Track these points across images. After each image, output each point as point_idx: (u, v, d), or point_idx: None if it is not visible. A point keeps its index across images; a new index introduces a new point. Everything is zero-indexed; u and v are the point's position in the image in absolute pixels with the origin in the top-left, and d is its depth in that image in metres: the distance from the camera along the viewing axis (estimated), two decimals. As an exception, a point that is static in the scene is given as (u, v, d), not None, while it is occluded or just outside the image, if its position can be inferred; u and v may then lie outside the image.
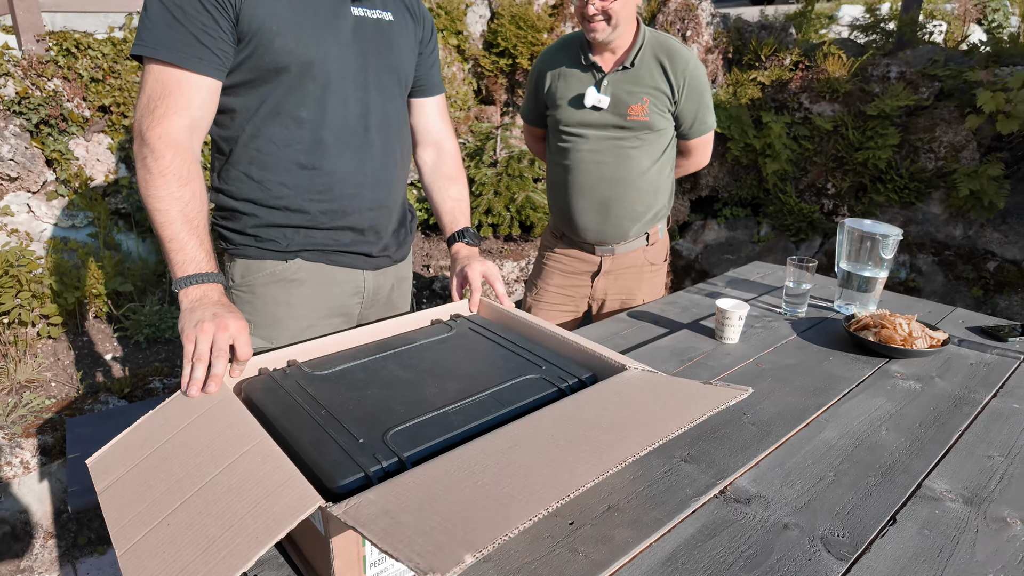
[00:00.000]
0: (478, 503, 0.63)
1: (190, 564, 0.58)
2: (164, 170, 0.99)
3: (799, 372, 1.33)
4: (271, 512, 0.62)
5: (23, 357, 2.02)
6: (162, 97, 1.01)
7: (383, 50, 1.20)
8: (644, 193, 1.74)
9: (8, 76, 2.37)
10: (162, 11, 1.00)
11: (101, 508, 0.70)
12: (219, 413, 0.83)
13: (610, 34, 1.60)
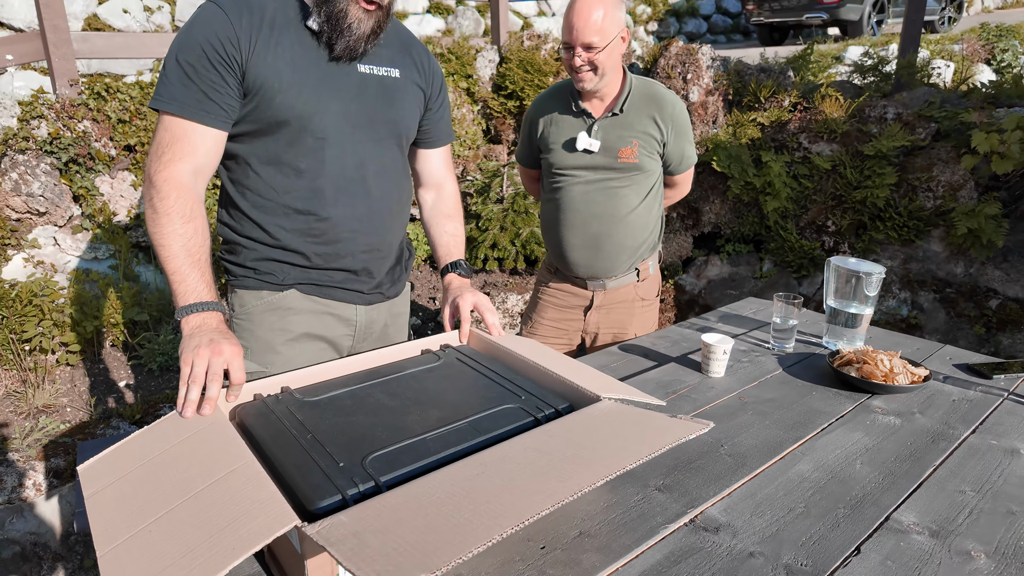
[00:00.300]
0: (439, 527, 0.68)
1: (168, 568, 0.63)
2: (168, 209, 1.08)
3: (780, 406, 1.36)
4: (249, 528, 0.68)
5: (42, 383, 2.11)
6: (170, 144, 1.11)
7: (386, 106, 1.27)
8: (633, 229, 1.81)
9: (42, 118, 2.52)
10: (177, 69, 1.10)
11: (86, 511, 0.76)
12: (210, 435, 0.89)
13: (597, 83, 1.69)
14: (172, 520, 0.71)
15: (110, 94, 2.76)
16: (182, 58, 1.10)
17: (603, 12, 1.61)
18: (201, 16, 1.13)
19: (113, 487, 0.80)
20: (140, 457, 0.86)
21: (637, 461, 0.82)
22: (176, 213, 1.09)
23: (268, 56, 1.13)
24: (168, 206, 1.09)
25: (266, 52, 1.13)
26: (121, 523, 0.72)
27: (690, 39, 10.76)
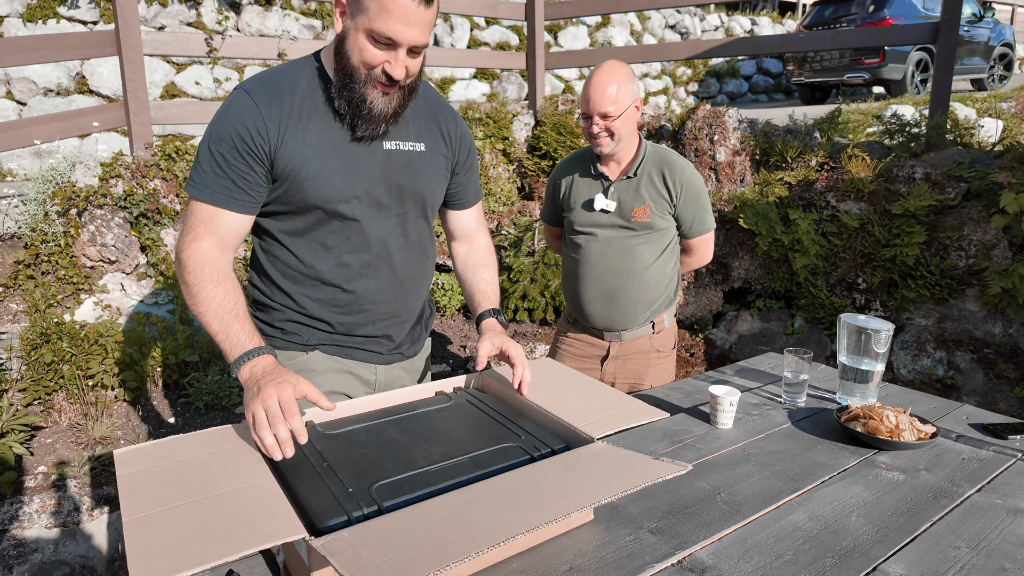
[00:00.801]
0: (424, 544, 0.76)
1: (183, 542, 0.74)
2: (197, 279, 1.13)
3: (783, 458, 1.38)
4: (263, 529, 0.78)
5: (101, 416, 2.30)
6: (194, 226, 1.18)
7: (411, 180, 1.30)
8: (648, 285, 1.89)
9: (119, 178, 2.82)
10: (209, 158, 1.17)
11: (117, 486, 0.87)
12: (238, 452, 1.01)
13: (614, 147, 1.82)
14: (194, 508, 0.82)
15: (179, 155, 3.07)
16: (214, 148, 1.16)
17: (617, 86, 1.76)
18: (232, 106, 1.18)
19: (145, 472, 0.92)
20: (173, 455, 0.98)
21: (612, 496, 0.88)
22: (205, 280, 1.13)
23: (297, 144, 1.18)
24: (196, 277, 1.14)
25: (295, 140, 1.18)
26: (148, 501, 0.83)
27: (731, 99, 10.94)
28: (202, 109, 3.40)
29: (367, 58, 1.13)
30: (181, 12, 6.91)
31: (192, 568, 0.71)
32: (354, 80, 1.15)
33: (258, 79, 1.22)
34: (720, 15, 11.58)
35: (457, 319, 3.65)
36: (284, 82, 1.21)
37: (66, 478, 1.98)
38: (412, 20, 1.09)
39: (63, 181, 2.77)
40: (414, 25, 1.10)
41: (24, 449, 2.04)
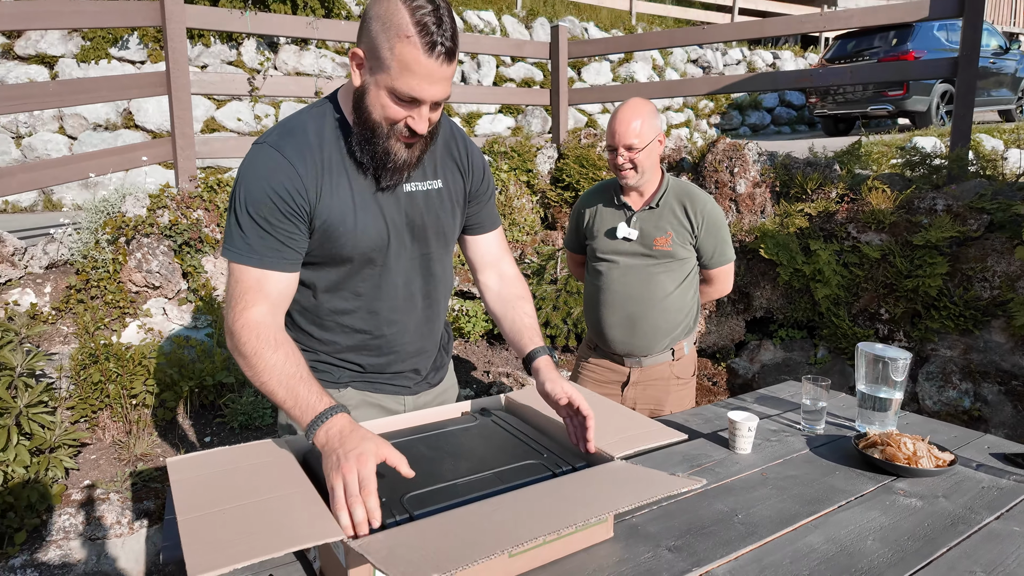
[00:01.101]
0: (453, 544, 0.83)
1: (233, 539, 0.81)
2: (255, 350, 1.10)
3: (801, 483, 1.41)
4: (305, 530, 0.85)
5: (141, 434, 2.41)
6: (243, 294, 1.14)
7: (433, 220, 1.32)
8: (668, 312, 1.95)
9: (165, 208, 2.99)
10: (251, 224, 1.13)
11: (171, 491, 0.95)
12: (280, 464, 1.09)
13: (638, 179, 1.90)
14: (242, 509, 0.90)
15: (220, 187, 3.24)
16: (253, 211, 1.13)
17: (641, 120, 1.85)
18: (265, 165, 1.14)
19: (195, 479, 1.00)
20: (220, 464, 1.07)
21: (630, 505, 0.94)
22: (263, 348, 1.10)
23: (332, 200, 1.19)
24: (253, 346, 1.10)
25: (330, 197, 1.18)
26: (199, 503, 0.91)
27: (753, 131, 11.01)
28: (243, 144, 3.59)
29: (389, 114, 1.11)
30: (223, 52, 7.28)
31: (243, 561, 0.78)
32: (376, 135, 1.14)
33: (282, 133, 1.19)
34: (742, 49, 11.74)
35: (480, 345, 3.72)
36: (310, 136, 1.19)
37: (109, 492, 2.07)
38: (435, 78, 1.07)
39: (114, 211, 2.95)
40: (437, 82, 1.08)
41: (73, 463, 2.15)
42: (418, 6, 1.04)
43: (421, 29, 1.03)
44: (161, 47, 7.03)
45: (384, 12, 1.05)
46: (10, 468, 1.88)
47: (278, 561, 1.06)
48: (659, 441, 1.27)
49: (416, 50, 1.04)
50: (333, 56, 7.71)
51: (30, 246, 2.91)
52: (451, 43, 1.07)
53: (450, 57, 1.08)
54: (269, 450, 1.16)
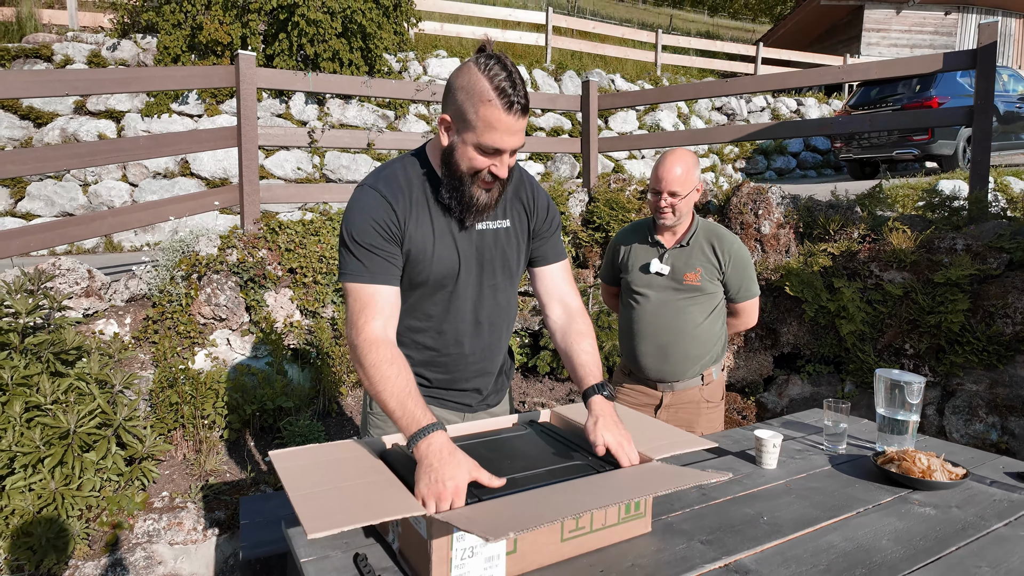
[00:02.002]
0: (520, 512, 1.01)
1: (340, 508, 1.01)
2: (374, 363, 1.28)
3: (822, 492, 1.54)
4: (394, 505, 1.05)
5: (210, 452, 2.64)
6: (360, 311, 1.33)
7: (498, 254, 1.50)
8: (698, 341, 2.12)
9: (234, 248, 3.29)
10: (360, 250, 1.35)
11: (279, 475, 1.15)
12: (364, 457, 1.29)
13: (675, 221, 2.11)
14: (342, 489, 1.10)
15: (281, 229, 3.54)
16: (360, 238, 1.34)
17: (685, 170, 2.05)
18: (369, 203, 1.37)
19: (297, 467, 1.20)
20: (316, 457, 1.27)
21: (659, 492, 1.11)
22: (382, 362, 1.27)
23: (417, 231, 1.40)
24: (372, 360, 1.28)
25: (415, 228, 1.40)
26: (304, 483, 1.11)
27: (779, 175, 11.18)
28: (301, 190, 3.92)
29: (476, 165, 1.32)
30: (272, 105, 7.83)
31: (349, 525, 0.98)
32: (463, 183, 1.35)
33: (379, 178, 1.42)
34: (766, 96, 12.04)
35: (516, 378, 3.90)
36: (400, 181, 1.42)
37: (186, 503, 2.28)
38: (513, 131, 1.28)
39: (188, 250, 3.26)
40: (515, 134, 1.28)
41: (157, 473, 2.37)
42: (495, 74, 1.25)
43: (500, 93, 1.24)
44: (218, 102, 7.60)
45: (467, 83, 1.27)
46: (106, 475, 2.11)
47: (362, 543, 1.25)
48: (692, 447, 1.43)
49: (497, 111, 1.25)
50: (375, 108, 8.21)
51: (113, 281, 3.22)
52: (524, 100, 1.28)
53: (524, 112, 1.28)
54: (352, 448, 1.35)
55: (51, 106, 7.08)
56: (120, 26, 7.75)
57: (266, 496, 2.34)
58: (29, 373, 2.11)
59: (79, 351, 2.34)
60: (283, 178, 7.55)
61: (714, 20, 26.50)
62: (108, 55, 7.58)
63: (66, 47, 7.42)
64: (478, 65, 1.27)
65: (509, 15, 11.49)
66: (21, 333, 2.18)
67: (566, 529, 1.18)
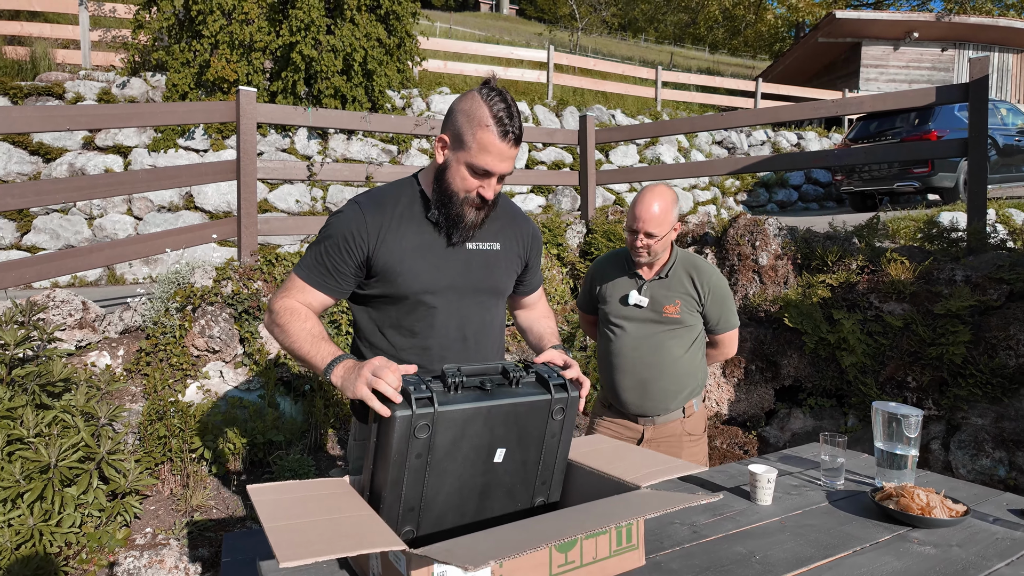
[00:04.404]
0: (504, 541, 0.98)
1: (313, 541, 0.97)
2: (288, 319, 1.39)
3: (818, 530, 1.49)
4: (373, 539, 1.01)
5: (197, 487, 2.58)
6: (290, 289, 1.46)
7: (487, 275, 1.54)
8: (678, 375, 2.08)
9: (229, 279, 3.29)
10: (316, 250, 1.47)
11: (255, 509, 1.11)
12: (345, 494, 1.25)
13: (650, 260, 2.08)
14: (318, 523, 1.06)
15: (277, 261, 3.55)
16: (322, 242, 1.45)
17: (662, 211, 2.00)
18: (344, 213, 1.47)
19: (275, 501, 1.17)
20: (294, 492, 1.23)
21: (658, 512, 1.08)
22: (294, 319, 1.39)
23: (394, 245, 1.45)
24: (287, 318, 1.39)
25: (393, 242, 1.44)
26: (281, 515, 1.08)
27: (781, 207, 11.23)
28: (300, 223, 3.95)
29: (467, 185, 1.41)
30: (277, 140, 7.96)
31: (324, 555, 0.94)
32: (453, 201, 1.44)
33: (368, 195, 1.51)
34: (766, 130, 12.18)
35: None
36: (387, 198, 1.50)
37: (169, 539, 2.22)
38: (504, 156, 1.38)
39: (184, 282, 3.26)
40: (506, 160, 1.39)
41: (140, 509, 2.32)
42: (495, 103, 1.37)
43: (497, 121, 1.36)
44: (224, 137, 7.75)
45: (468, 107, 1.39)
46: (87, 511, 2.06)
47: None
48: (683, 472, 1.39)
49: (492, 136, 1.36)
50: (376, 143, 8.34)
51: (108, 313, 3.22)
52: (518, 131, 1.40)
53: (517, 142, 1.40)
54: (335, 484, 1.32)
55: (60, 142, 7.22)
56: (131, 65, 7.96)
57: (251, 533, 2.28)
58: (13, 405, 2.09)
59: (66, 383, 2.32)
60: (286, 211, 7.63)
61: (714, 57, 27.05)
62: (118, 92, 7.77)
63: (77, 85, 7.61)
64: (481, 94, 1.38)
65: (511, 53, 11.75)
66: (8, 364, 2.17)
67: (555, 564, 1.13)
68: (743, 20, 28.34)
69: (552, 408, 1.32)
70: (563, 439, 1.37)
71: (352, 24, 7.51)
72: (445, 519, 1.26)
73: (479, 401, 1.22)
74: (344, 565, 1.24)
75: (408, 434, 1.15)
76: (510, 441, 1.29)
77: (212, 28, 7.15)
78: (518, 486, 1.35)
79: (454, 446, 1.22)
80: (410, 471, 1.18)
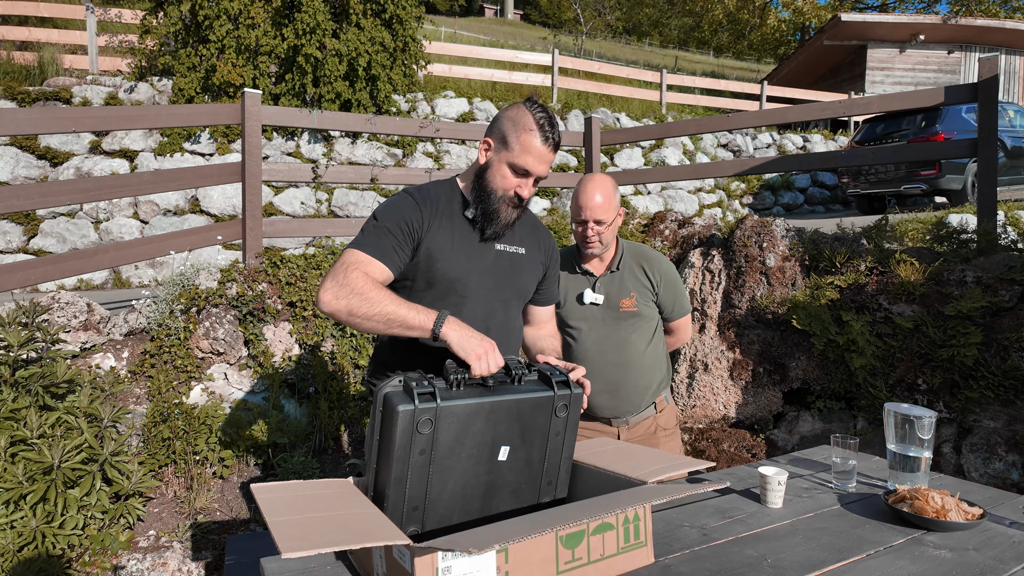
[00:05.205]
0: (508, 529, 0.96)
1: (315, 535, 0.96)
2: (367, 287, 1.38)
3: (830, 533, 1.46)
4: (376, 534, 0.99)
5: (201, 489, 2.57)
6: (358, 264, 1.44)
7: (513, 276, 1.65)
8: (645, 371, 2.07)
9: (234, 281, 3.28)
10: (377, 228, 1.51)
11: (259, 505, 1.09)
12: (348, 494, 1.23)
13: (603, 249, 2.06)
14: (322, 519, 1.04)
15: (283, 263, 3.54)
16: (382, 222, 1.51)
17: (605, 195, 2.00)
18: (401, 201, 1.56)
19: (279, 499, 1.15)
20: (298, 491, 1.22)
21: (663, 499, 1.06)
22: (374, 285, 1.39)
23: (438, 235, 1.55)
24: (366, 286, 1.38)
25: (437, 232, 1.55)
26: (284, 511, 1.06)
27: (787, 210, 11.18)
28: (305, 225, 3.94)
29: (506, 183, 1.56)
30: (282, 144, 7.98)
31: (326, 547, 0.92)
32: (492, 198, 1.56)
33: (417, 188, 1.63)
34: (772, 133, 12.14)
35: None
36: (433, 193, 1.62)
37: (172, 542, 2.21)
38: (544, 159, 1.54)
39: (188, 284, 3.26)
40: (544, 162, 1.55)
41: (144, 511, 2.31)
42: (538, 113, 1.54)
43: (540, 127, 1.53)
44: (229, 141, 7.77)
45: (514, 115, 1.56)
46: (90, 513, 2.05)
47: None
48: (687, 468, 1.36)
49: (535, 139, 1.52)
50: (381, 145, 8.35)
51: (113, 315, 3.22)
52: (557, 139, 1.56)
53: (555, 148, 1.56)
54: (339, 484, 1.30)
55: (67, 146, 7.26)
56: (138, 70, 8.00)
57: (254, 535, 2.26)
58: (17, 407, 2.08)
59: (70, 384, 2.32)
60: (291, 214, 7.64)
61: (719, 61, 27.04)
62: (125, 97, 7.81)
63: (85, 90, 7.66)
64: (526, 105, 1.57)
65: (516, 57, 11.76)
66: (12, 366, 2.16)
67: (562, 560, 1.11)
68: (747, 24, 28.33)
69: (555, 405, 1.31)
70: (567, 437, 1.36)
71: (357, 28, 7.53)
72: (450, 520, 1.24)
73: (482, 397, 1.21)
74: (347, 567, 1.22)
75: (411, 429, 1.14)
76: (514, 438, 1.27)
77: (218, 32, 7.19)
78: (523, 486, 1.33)
79: (457, 443, 1.20)
80: (413, 468, 1.16)
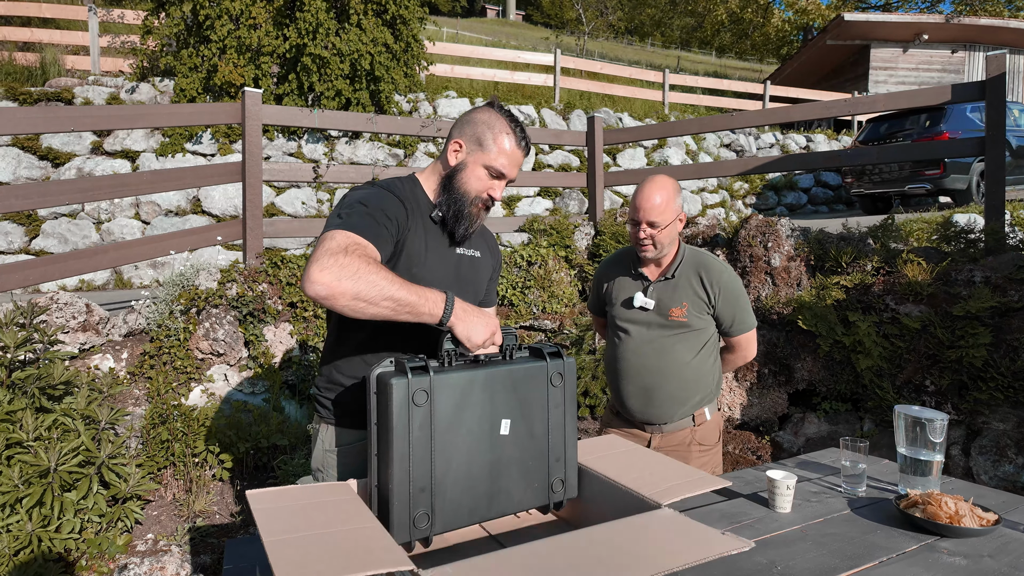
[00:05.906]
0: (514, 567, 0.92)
1: (313, 559, 0.91)
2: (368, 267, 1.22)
3: (841, 539, 1.42)
4: (379, 557, 0.95)
5: (200, 492, 2.54)
6: (356, 245, 1.27)
7: (471, 276, 1.66)
8: (685, 383, 1.99)
9: (234, 282, 3.26)
10: (363, 209, 1.38)
11: (253, 517, 1.06)
12: (349, 502, 1.20)
13: (657, 254, 1.99)
14: (322, 536, 1.00)
15: (283, 264, 3.51)
16: (370, 205, 1.39)
17: (664, 198, 1.92)
18: (384, 194, 1.45)
19: (275, 509, 1.11)
20: (297, 499, 1.18)
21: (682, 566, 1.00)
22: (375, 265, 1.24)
23: (414, 237, 1.51)
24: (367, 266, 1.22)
25: (414, 233, 1.51)
26: (281, 528, 1.02)
27: (791, 210, 11.13)
28: (306, 225, 3.91)
29: (481, 186, 1.53)
30: (283, 144, 7.96)
31: None
32: (464, 200, 1.53)
33: (389, 184, 1.54)
34: (775, 133, 12.09)
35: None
36: (407, 191, 1.56)
37: (171, 545, 2.18)
38: (517, 162, 1.54)
39: (188, 285, 3.23)
40: (517, 165, 1.55)
41: (142, 515, 2.28)
42: (509, 117, 1.55)
43: (514, 131, 1.54)
44: (231, 142, 7.75)
45: (487, 118, 1.54)
46: (87, 516, 2.02)
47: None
48: (702, 489, 1.33)
49: (512, 141, 1.53)
50: (383, 145, 8.32)
51: (112, 316, 3.19)
52: (528, 143, 1.58)
53: (527, 152, 1.57)
54: (339, 490, 1.26)
55: (69, 147, 7.25)
56: (139, 70, 7.98)
57: (254, 539, 2.23)
58: (13, 408, 2.06)
59: (67, 386, 2.29)
60: (293, 215, 7.62)
61: (722, 61, 26.97)
62: (126, 97, 7.79)
63: (86, 90, 7.64)
64: (495, 108, 1.56)
65: (518, 57, 11.74)
66: (8, 367, 2.13)
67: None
68: (750, 24, 28.26)
69: (549, 374, 1.30)
70: (567, 411, 1.36)
71: (359, 29, 7.51)
72: (460, 505, 1.21)
73: (475, 369, 1.23)
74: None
75: (406, 401, 1.13)
76: (513, 410, 1.27)
77: (220, 33, 7.17)
78: (530, 462, 1.30)
79: (456, 417, 1.20)
80: (415, 445, 1.15)
